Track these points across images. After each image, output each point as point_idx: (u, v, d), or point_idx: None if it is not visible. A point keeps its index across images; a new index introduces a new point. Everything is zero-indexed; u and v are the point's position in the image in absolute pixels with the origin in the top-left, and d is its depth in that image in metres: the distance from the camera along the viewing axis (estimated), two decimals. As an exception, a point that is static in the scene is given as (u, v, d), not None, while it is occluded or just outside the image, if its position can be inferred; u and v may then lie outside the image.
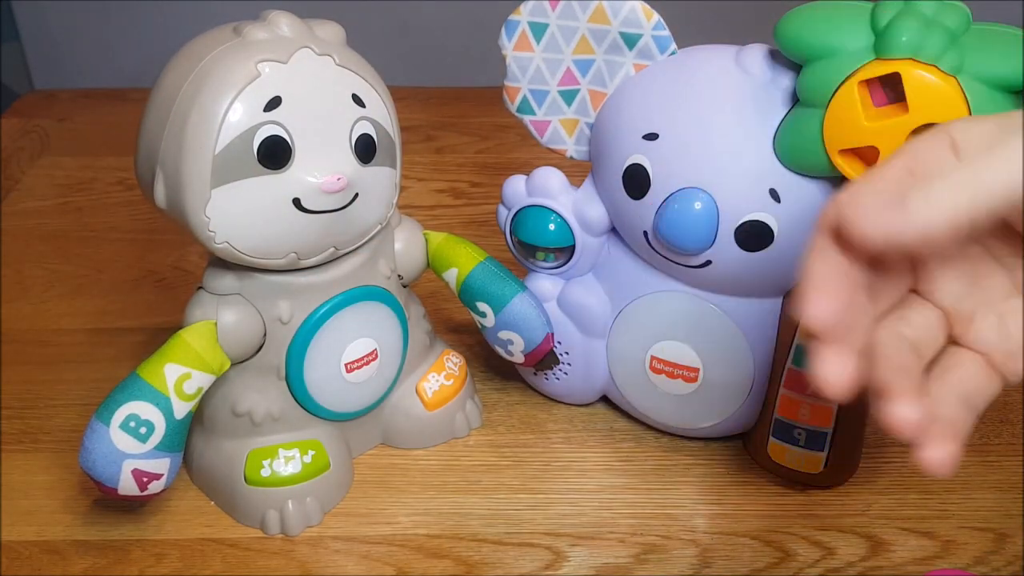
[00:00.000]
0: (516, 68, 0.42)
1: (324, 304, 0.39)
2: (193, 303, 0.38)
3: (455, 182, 0.69)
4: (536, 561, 0.40)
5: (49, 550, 0.40)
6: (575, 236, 0.43)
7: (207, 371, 0.37)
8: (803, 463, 0.43)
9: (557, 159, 0.44)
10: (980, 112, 0.32)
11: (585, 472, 0.45)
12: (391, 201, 0.40)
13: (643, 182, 0.39)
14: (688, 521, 0.42)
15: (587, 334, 0.45)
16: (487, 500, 0.43)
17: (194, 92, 0.34)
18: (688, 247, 0.38)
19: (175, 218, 0.36)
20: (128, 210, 0.65)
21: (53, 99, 0.81)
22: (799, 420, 0.42)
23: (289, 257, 0.37)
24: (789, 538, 0.41)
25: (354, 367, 0.41)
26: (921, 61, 0.32)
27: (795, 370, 0.41)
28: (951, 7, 0.33)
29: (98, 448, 0.36)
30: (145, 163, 0.36)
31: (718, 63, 0.38)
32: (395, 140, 0.39)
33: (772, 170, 0.37)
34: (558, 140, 0.43)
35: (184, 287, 0.57)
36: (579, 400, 0.48)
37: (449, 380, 0.46)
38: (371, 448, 0.46)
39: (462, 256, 0.43)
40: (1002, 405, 0.49)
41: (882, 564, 0.40)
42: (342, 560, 0.40)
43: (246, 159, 0.35)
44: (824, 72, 0.34)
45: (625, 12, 0.39)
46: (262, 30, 0.36)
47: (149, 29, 0.88)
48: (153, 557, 0.40)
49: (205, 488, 0.43)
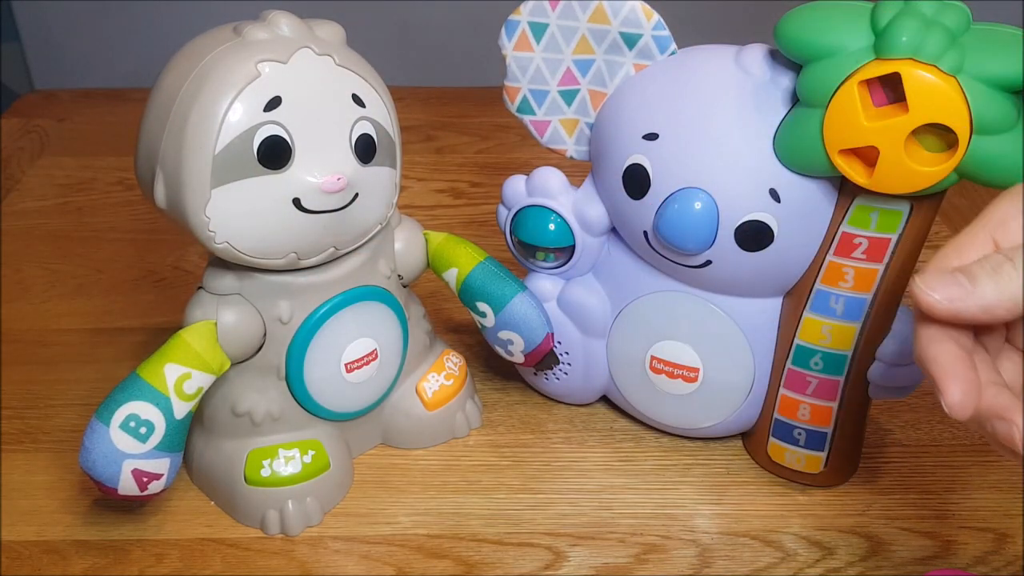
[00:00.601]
0: (516, 68, 0.42)
1: (324, 304, 0.39)
2: (193, 303, 0.38)
3: (455, 182, 0.69)
4: (536, 561, 0.40)
5: (49, 550, 0.40)
6: (575, 236, 0.43)
7: (207, 371, 0.37)
8: (803, 463, 0.43)
9: (557, 159, 0.44)
10: (980, 112, 0.32)
11: (585, 472, 0.45)
12: (391, 201, 0.40)
13: (643, 182, 0.39)
14: (688, 521, 0.42)
15: (587, 334, 0.45)
16: (487, 500, 0.43)
17: (194, 92, 0.34)
18: (688, 247, 0.38)
19: (175, 218, 0.36)
20: (128, 210, 0.65)
21: (53, 99, 0.81)
22: (799, 420, 0.42)
23: (289, 257, 0.37)
24: (789, 538, 0.41)
25: (354, 367, 0.41)
26: (921, 61, 0.32)
27: (795, 370, 0.41)
28: (951, 7, 0.33)
29: (98, 448, 0.36)
30: (145, 163, 0.36)
31: (718, 63, 0.38)
32: (395, 140, 0.39)
33: (772, 170, 0.37)
34: (558, 140, 0.43)
35: (184, 287, 0.57)
36: (579, 400, 0.48)
37: (449, 380, 0.46)
38: (371, 448, 0.46)
39: (462, 256, 0.43)
40: (1002, 405, 0.49)
41: (882, 564, 0.40)
42: (342, 560, 0.40)
43: (246, 159, 0.35)
44: (824, 72, 0.34)
45: (625, 12, 0.39)
46: (262, 30, 0.36)
47: (149, 29, 0.88)
48: (153, 557, 0.40)
49: (205, 488, 0.43)
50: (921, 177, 0.34)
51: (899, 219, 0.37)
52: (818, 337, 0.40)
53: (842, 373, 0.40)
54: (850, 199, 0.37)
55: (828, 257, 0.38)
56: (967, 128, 0.32)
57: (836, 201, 0.37)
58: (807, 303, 0.39)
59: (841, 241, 0.38)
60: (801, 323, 0.40)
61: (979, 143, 0.32)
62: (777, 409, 0.42)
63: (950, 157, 0.33)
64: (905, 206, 0.36)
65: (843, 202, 0.37)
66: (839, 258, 0.38)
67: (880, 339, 0.40)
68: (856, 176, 0.35)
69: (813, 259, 0.39)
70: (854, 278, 0.38)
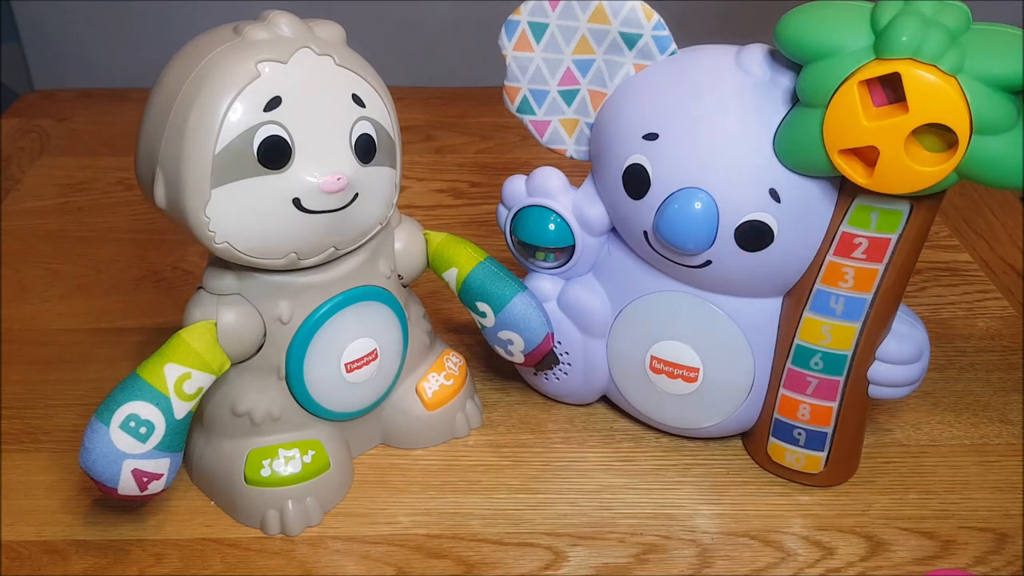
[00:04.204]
0: (516, 68, 0.42)
1: (324, 304, 0.39)
2: (193, 303, 0.38)
3: (455, 182, 0.69)
4: (536, 561, 0.40)
5: (49, 550, 0.40)
6: (575, 236, 0.43)
7: (207, 371, 0.37)
8: (803, 463, 0.43)
9: (557, 159, 0.44)
10: (980, 112, 0.32)
11: (585, 472, 0.45)
12: (391, 201, 0.40)
13: (643, 182, 0.39)
14: (688, 521, 0.42)
15: (587, 334, 0.45)
16: (487, 500, 0.43)
17: (194, 92, 0.34)
18: (688, 247, 0.38)
19: (175, 218, 0.36)
20: (128, 210, 0.65)
21: (53, 99, 0.81)
22: (799, 420, 0.42)
23: (289, 257, 0.37)
24: (789, 538, 0.41)
25: (354, 367, 0.41)
26: (921, 61, 0.32)
27: (795, 370, 0.41)
28: (951, 7, 0.33)
29: (98, 448, 0.36)
30: (145, 163, 0.36)
31: (718, 63, 0.38)
32: (395, 140, 0.39)
33: (772, 170, 0.37)
34: (558, 140, 0.43)
35: (184, 287, 0.57)
36: (579, 400, 0.48)
37: (449, 380, 0.46)
38: (371, 448, 0.46)
39: (462, 256, 0.43)
40: (1002, 405, 0.49)
41: (882, 564, 0.40)
42: (342, 560, 0.40)
43: (246, 159, 0.35)
44: (824, 72, 0.34)
45: (625, 12, 0.39)
46: (262, 30, 0.36)
47: (149, 29, 0.88)
48: (153, 557, 0.40)
49: (205, 488, 0.43)
50: (921, 177, 0.34)
51: (899, 219, 0.37)
52: (818, 337, 0.40)
53: (842, 373, 0.40)
54: (850, 199, 0.37)
55: (828, 257, 0.38)
56: (967, 128, 0.32)
57: (836, 201, 0.37)
58: (807, 303, 0.40)
59: (841, 241, 0.38)
60: (801, 323, 0.40)
61: (979, 143, 0.32)
62: (777, 409, 0.42)
63: (950, 157, 0.33)
64: (905, 206, 0.36)
65: (843, 202, 0.37)
66: (839, 258, 0.38)
67: (880, 339, 0.40)
68: (856, 176, 0.35)
69: (813, 259, 0.39)
70: (854, 278, 0.38)
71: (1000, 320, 0.56)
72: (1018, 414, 0.48)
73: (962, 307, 0.57)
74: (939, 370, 0.51)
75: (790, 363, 0.41)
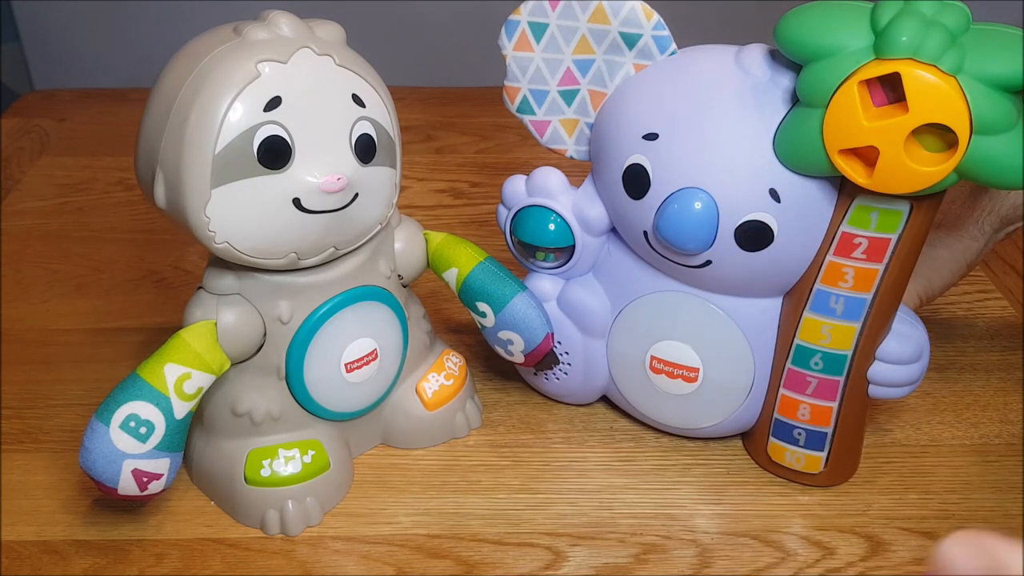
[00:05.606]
0: (516, 68, 0.42)
1: (324, 304, 0.39)
2: (193, 303, 0.38)
3: (455, 182, 0.69)
4: (536, 561, 0.40)
5: (49, 550, 0.40)
6: (575, 236, 0.43)
7: (207, 371, 0.37)
8: (803, 463, 0.43)
9: (557, 159, 0.44)
10: (980, 112, 0.32)
11: (585, 472, 0.45)
12: (391, 201, 0.40)
13: (643, 182, 0.39)
14: (688, 521, 0.42)
15: (587, 334, 0.45)
16: (487, 500, 0.43)
17: (194, 92, 0.34)
18: (688, 247, 0.38)
19: (175, 218, 0.36)
20: (128, 210, 0.65)
21: (53, 99, 0.81)
22: (799, 420, 0.42)
23: (289, 257, 0.37)
24: (789, 538, 0.41)
25: (354, 367, 0.41)
26: (921, 61, 0.32)
27: (795, 370, 0.41)
28: (951, 7, 0.33)
29: (98, 448, 0.36)
30: (145, 163, 0.36)
31: (718, 63, 0.38)
32: (395, 140, 0.39)
33: (772, 170, 0.37)
34: (558, 140, 0.43)
35: (184, 287, 0.57)
36: (579, 400, 0.48)
37: (449, 380, 0.46)
38: (371, 448, 0.46)
39: (462, 256, 0.43)
40: (1002, 405, 0.49)
41: (882, 564, 0.40)
42: (342, 560, 0.40)
43: (246, 159, 0.35)
44: (824, 72, 0.34)
45: (625, 12, 0.39)
46: (262, 30, 0.36)
47: (149, 29, 0.89)
48: (153, 557, 0.40)
49: (205, 488, 0.43)
50: (921, 177, 0.34)
51: (899, 219, 0.37)
52: (818, 337, 0.40)
53: (842, 373, 0.40)
54: (850, 199, 0.37)
55: (828, 257, 0.38)
56: (967, 128, 0.32)
57: (836, 201, 0.37)
58: (807, 303, 0.40)
59: (841, 241, 0.38)
60: (801, 323, 0.40)
61: (979, 143, 0.32)
62: (777, 409, 0.42)
63: (950, 157, 0.33)
64: (905, 206, 0.36)
65: (843, 202, 0.37)
66: (839, 258, 0.38)
67: (880, 339, 0.40)
68: (856, 176, 0.35)
69: (813, 259, 0.39)
70: (854, 278, 0.38)
71: (1000, 320, 0.56)
72: (1018, 414, 0.48)
73: (962, 307, 0.57)
74: (939, 370, 0.51)
75: (790, 363, 0.41)
